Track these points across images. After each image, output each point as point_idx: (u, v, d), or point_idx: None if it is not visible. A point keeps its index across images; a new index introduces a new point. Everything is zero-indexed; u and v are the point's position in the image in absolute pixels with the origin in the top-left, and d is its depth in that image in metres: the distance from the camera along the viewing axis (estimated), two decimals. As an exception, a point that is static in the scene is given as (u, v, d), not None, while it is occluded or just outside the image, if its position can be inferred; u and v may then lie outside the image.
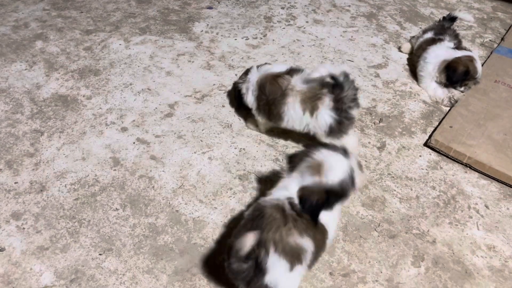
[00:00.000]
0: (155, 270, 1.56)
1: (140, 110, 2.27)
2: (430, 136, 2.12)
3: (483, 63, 2.63)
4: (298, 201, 1.33)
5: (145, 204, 1.79)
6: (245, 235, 1.21)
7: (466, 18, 2.88)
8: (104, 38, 2.84)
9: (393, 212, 1.80)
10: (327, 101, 1.76)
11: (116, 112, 2.25)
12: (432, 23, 2.78)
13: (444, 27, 2.59)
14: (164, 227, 1.71)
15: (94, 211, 1.76)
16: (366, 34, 2.99)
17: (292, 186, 1.37)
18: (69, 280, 1.53)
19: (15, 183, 1.87)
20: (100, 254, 1.61)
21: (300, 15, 3.18)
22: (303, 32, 2.98)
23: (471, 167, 1.99)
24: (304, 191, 1.34)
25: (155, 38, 2.85)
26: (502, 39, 2.95)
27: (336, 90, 1.74)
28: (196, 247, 1.64)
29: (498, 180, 1.94)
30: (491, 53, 2.77)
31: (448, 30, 2.56)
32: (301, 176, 1.37)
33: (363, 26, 3.08)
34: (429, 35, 2.58)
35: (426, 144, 2.11)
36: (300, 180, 1.36)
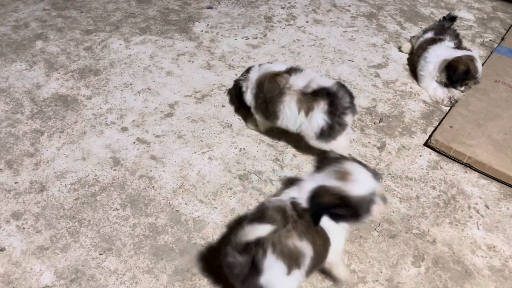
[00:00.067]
0: (155, 270, 1.57)
1: (140, 110, 2.27)
2: (430, 136, 2.12)
3: (483, 63, 2.63)
4: (308, 198, 1.28)
5: (145, 204, 1.79)
6: (252, 225, 1.19)
7: (466, 17, 2.89)
8: (104, 38, 2.84)
9: (393, 212, 1.80)
10: (322, 104, 1.77)
11: (116, 112, 2.25)
12: (432, 23, 2.79)
13: (444, 27, 2.60)
14: (164, 227, 1.71)
15: (94, 211, 1.76)
16: (366, 34, 2.99)
17: (308, 186, 1.32)
18: (69, 280, 1.53)
19: (15, 183, 1.87)
20: (100, 254, 1.61)
21: (300, 15, 3.17)
22: (303, 32, 2.98)
23: (471, 167, 1.99)
24: (320, 188, 1.29)
25: (155, 38, 2.85)
26: (502, 39, 2.95)
27: (330, 97, 1.75)
28: (196, 247, 1.64)
29: (498, 180, 1.94)
30: (491, 53, 2.76)
31: (448, 30, 2.57)
32: (323, 178, 1.32)
33: (363, 26, 3.08)
34: (429, 34, 2.58)
35: (426, 144, 2.11)
36: (321, 181, 1.31)
